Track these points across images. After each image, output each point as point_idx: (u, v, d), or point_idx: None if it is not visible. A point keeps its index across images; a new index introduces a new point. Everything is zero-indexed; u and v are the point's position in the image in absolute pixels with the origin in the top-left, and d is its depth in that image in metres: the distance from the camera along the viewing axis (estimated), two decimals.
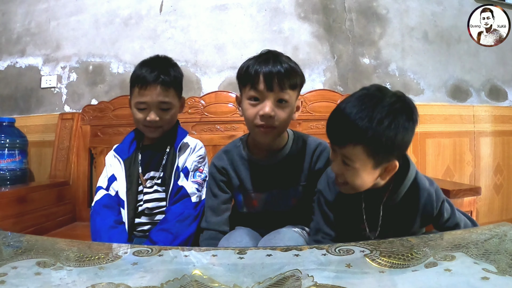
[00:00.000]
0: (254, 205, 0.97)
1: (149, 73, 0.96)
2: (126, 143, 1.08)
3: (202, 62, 1.72)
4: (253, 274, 0.51)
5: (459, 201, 1.04)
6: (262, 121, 0.83)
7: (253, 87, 0.83)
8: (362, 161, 0.67)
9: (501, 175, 1.79)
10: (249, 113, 0.85)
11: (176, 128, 1.09)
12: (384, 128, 0.64)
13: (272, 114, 0.82)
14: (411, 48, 1.73)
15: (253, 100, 0.84)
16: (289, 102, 0.85)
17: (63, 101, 1.82)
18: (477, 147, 1.76)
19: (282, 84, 0.82)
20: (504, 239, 0.61)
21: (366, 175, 0.69)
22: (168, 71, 0.99)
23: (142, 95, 0.97)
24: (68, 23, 1.82)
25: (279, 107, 0.84)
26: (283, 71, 0.82)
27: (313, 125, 1.48)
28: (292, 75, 0.84)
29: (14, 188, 1.36)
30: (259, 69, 0.83)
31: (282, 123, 0.85)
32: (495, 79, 1.83)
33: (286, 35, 1.70)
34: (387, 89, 0.70)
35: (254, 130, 0.88)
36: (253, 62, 0.85)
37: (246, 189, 0.96)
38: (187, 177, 1.02)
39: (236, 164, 0.96)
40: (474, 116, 1.77)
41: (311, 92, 1.52)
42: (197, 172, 1.04)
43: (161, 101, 0.98)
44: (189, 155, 1.05)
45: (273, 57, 0.85)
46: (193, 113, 1.53)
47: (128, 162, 1.04)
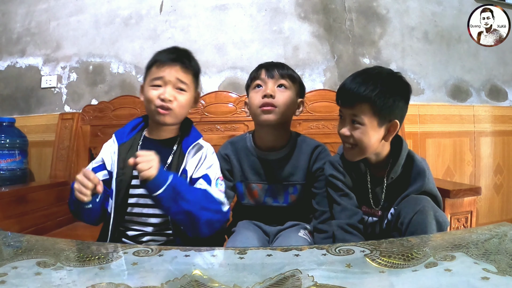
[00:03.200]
0: (255, 195, 1.02)
1: (169, 54, 0.94)
2: (127, 127, 0.99)
3: (202, 62, 1.69)
4: (253, 274, 0.51)
5: (459, 201, 1.04)
6: (263, 99, 0.94)
7: (257, 77, 0.98)
8: (369, 118, 0.79)
9: (501, 175, 1.79)
10: (253, 98, 0.98)
11: (189, 128, 1.00)
12: (386, 90, 0.78)
13: (273, 93, 0.94)
14: (411, 48, 1.73)
15: (257, 87, 0.98)
16: (289, 89, 0.97)
17: (63, 101, 1.82)
18: (477, 147, 1.76)
19: (280, 72, 0.96)
20: (504, 239, 0.61)
21: (372, 133, 0.80)
22: (189, 56, 0.97)
23: (160, 71, 0.91)
24: (68, 23, 1.82)
25: (279, 91, 0.96)
26: (281, 64, 0.98)
27: (313, 125, 1.48)
28: (290, 69, 0.99)
29: (14, 188, 1.36)
30: (262, 67, 0.99)
31: (282, 105, 0.95)
32: (495, 79, 1.83)
33: (286, 35, 1.70)
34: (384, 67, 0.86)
35: (257, 113, 0.96)
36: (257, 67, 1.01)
37: (247, 179, 1.02)
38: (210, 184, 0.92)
39: (240, 154, 1.03)
40: (474, 116, 1.77)
41: (311, 92, 1.52)
42: (218, 180, 0.95)
43: (179, 79, 0.92)
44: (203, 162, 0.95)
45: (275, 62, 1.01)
46: (193, 113, 1.53)
47: (125, 147, 0.94)
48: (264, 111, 0.95)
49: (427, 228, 0.74)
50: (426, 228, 0.74)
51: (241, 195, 1.04)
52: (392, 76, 0.82)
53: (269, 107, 0.94)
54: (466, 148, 1.75)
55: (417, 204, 0.77)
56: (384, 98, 0.78)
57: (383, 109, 0.78)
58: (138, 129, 0.99)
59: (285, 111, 0.96)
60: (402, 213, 0.79)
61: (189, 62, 0.96)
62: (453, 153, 1.73)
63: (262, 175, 1.02)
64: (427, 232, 0.74)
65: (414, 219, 0.75)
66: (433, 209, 0.77)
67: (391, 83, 0.80)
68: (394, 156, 0.86)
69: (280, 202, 1.01)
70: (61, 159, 1.58)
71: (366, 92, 0.78)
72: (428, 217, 0.75)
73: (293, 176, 1.00)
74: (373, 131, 0.80)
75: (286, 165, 1.00)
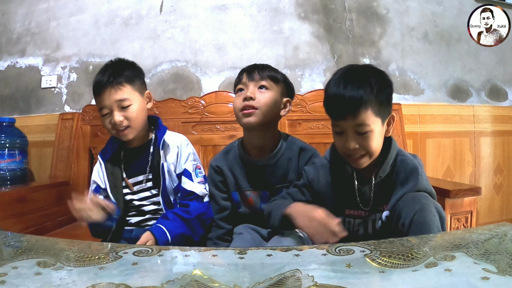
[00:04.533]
0: (250, 203, 1.01)
1: (98, 79, 0.98)
2: (108, 144, 1.08)
3: (202, 62, 1.72)
4: (253, 274, 0.51)
5: (459, 201, 1.04)
6: (244, 102, 0.94)
7: (239, 82, 0.99)
8: (374, 122, 0.76)
9: (501, 175, 1.79)
10: (235, 102, 0.98)
11: (157, 126, 1.08)
12: (380, 85, 0.76)
13: (253, 95, 0.94)
14: (411, 48, 1.73)
15: (239, 91, 0.98)
16: (270, 90, 0.96)
17: (63, 101, 1.82)
18: (477, 147, 1.76)
19: (261, 74, 0.96)
20: (504, 239, 0.61)
21: (379, 135, 0.78)
22: (120, 71, 0.99)
23: (100, 101, 0.98)
24: (68, 23, 1.82)
25: (260, 92, 0.95)
26: (263, 66, 0.99)
27: (313, 125, 1.48)
28: (272, 70, 0.99)
29: (14, 188, 1.37)
30: (244, 69, 1.00)
31: (263, 105, 0.94)
32: (495, 79, 1.83)
33: (286, 35, 1.70)
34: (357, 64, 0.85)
35: (239, 116, 0.96)
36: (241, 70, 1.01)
37: (241, 187, 1.01)
38: (191, 179, 1.02)
39: (231, 163, 1.02)
40: (474, 116, 1.77)
41: (311, 92, 1.52)
42: (197, 170, 1.05)
43: (118, 100, 0.97)
44: (179, 156, 1.05)
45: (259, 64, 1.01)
46: (193, 113, 1.53)
47: (110, 162, 1.04)
48: (244, 114, 0.94)
49: (430, 226, 0.72)
50: (430, 225, 0.72)
51: (237, 203, 1.03)
52: (376, 70, 0.80)
53: (249, 110, 0.94)
54: (466, 148, 1.75)
55: (415, 203, 0.74)
56: (382, 96, 0.76)
57: (382, 107, 0.77)
58: (118, 143, 1.07)
59: (266, 112, 0.95)
60: (402, 214, 0.76)
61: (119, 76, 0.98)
62: (453, 153, 1.73)
63: (255, 182, 1.01)
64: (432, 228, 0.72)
65: (415, 218, 0.72)
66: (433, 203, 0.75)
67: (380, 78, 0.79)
68: (384, 154, 0.83)
69: None
70: (61, 159, 1.58)
71: (366, 95, 0.73)
72: (430, 214, 0.72)
73: (286, 179, 0.99)
74: (379, 133, 0.78)
75: (278, 170, 0.99)
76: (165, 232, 0.91)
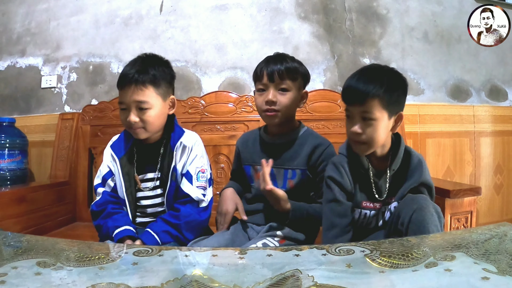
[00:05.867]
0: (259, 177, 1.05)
1: (126, 72, 0.96)
2: (122, 140, 1.05)
3: (202, 62, 1.72)
4: (253, 274, 0.51)
5: (459, 201, 1.04)
6: (266, 105, 1.01)
7: (259, 81, 1.03)
8: (380, 112, 0.83)
9: (501, 175, 1.79)
10: (257, 101, 1.04)
11: (172, 127, 1.05)
12: (391, 85, 0.83)
13: (274, 99, 1.00)
14: (411, 48, 1.73)
15: (260, 91, 1.04)
16: (290, 91, 1.02)
17: (63, 101, 1.82)
18: (477, 147, 1.76)
19: (281, 77, 1.00)
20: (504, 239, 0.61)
21: (383, 127, 0.84)
22: (147, 69, 0.96)
23: (120, 95, 0.97)
24: (68, 23, 1.82)
25: (281, 94, 1.01)
26: (282, 68, 1.00)
27: (313, 125, 1.48)
28: (291, 71, 1.01)
29: (14, 188, 1.36)
30: (264, 68, 1.02)
31: (284, 107, 1.01)
32: (495, 79, 1.83)
33: (286, 35, 1.70)
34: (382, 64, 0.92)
35: (262, 114, 1.05)
36: (261, 64, 1.04)
37: (254, 162, 1.10)
38: (191, 181, 1.00)
39: (248, 141, 1.14)
40: (474, 116, 1.76)
41: (311, 92, 1.52)
42: (199, 173, 1.02)
43: (137, 100, 0.94)
44: (188, 157, 1.03)
45: (278, 57, 1.04)
46: (193, 113, 1.53)
47: (124, 160, 1.02)
48: (268, 116, 1.03)
49: (428, 225, 0.75)
50: (428, 224, 0.75)
51: (249, 177, 1.11)
52: (393, 72, 0.88)
53: (272, 113, 1.01)
54: (466, 148, 1.74)
55: (414, 203, 0.79)
56: (391, 93, 0.83)
57: (391, 103, 0.83)
58: (132, 140, 1.05)
59: (287, 112, 1.03)
60: (401, 214, 0.80)
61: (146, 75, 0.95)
62: (453, 153, 1.73)
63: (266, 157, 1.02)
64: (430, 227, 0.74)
65: (414, 217, 0.76)
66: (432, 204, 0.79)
67: (394, 79, 0.86)
68: (394, 149, 0.90)
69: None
70: (61, 159, 1.58)
71: (375, 89, 0.82)
72: (428, 213, 0.76)
73: (293, 162, 1.05)
74: (383, 125, 0.84)
75: (287, 150, 1.06)
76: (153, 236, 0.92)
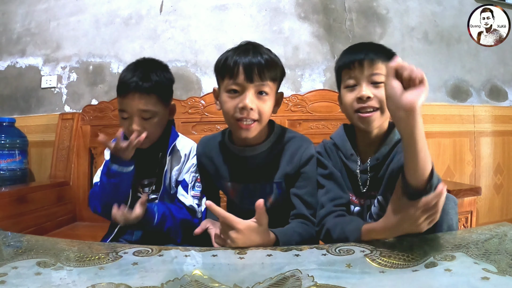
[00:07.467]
0: (231, 196, 0.93)
1: (128, 79, 0.91)
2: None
3: (202, 62, 1.72)
4: (253, 274, 0.51)
5: (459, 201, 1.04)
6: (241, 114, 0.78)
7: (232, 79, 0.78)
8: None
9: (501, 175, 1.79)
10: (227, 107, 0.80)
11: (169, 132, 1.02)
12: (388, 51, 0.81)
13: (253, 106, 0.77)
14: (411, 48, 1.73)
15: (232, 92, 0.79)
16: (270, 95, 0.81)
17: (63, 101, 1.82)
18: (477, 147, 1.76)
19: (262, 75, 0.78)
20: (504, 239, 0.61)
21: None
22: (149, 76, 0.92)
23: (122, 103, 0.92)
24: (68, 23, 1.82)
25: (260, 99, 0.79)
26: (263, 62, 0.78)
27: (313, 125, 1.48)
28: (273, 66, 0.80)
29: (14, 188, 1.36)
30: (239, 60, 0.78)
31: (263, 117, 0.80)
32: (495, 79, 1.83)
33: (286, 35, 1.70)
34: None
35: (233, 125, 0.81)
36: (232, 53, 0.80)
37: (222, 177, 0.92)
38: (186, 190, 0.98)
39: (211, 152, 0.93)
40: (474, 116, 1.76)
41: (311, 92, 1.52)
42: (196, 183, 0.99)
43: (141, 109, 0.90)
44: (184, 164, 1.00)
45: (252, 48, 0.81)
46: (193, 113, 1.53)
47: None
48: (242, 127, 0.79)
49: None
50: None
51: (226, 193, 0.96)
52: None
53: (249, 124, 0.79)
54: (466, 148, 1.74)
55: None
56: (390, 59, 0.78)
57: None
58: None
59: (265, 120, 0.82)
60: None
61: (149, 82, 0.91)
62: (453, 153, 1.73)
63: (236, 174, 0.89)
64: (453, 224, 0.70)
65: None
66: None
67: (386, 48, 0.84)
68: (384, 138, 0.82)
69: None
70: (61, 159, 1.58)
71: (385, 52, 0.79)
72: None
73: (270, 175, 0.87)
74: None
75: (262, 163, 0.87)
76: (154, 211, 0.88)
